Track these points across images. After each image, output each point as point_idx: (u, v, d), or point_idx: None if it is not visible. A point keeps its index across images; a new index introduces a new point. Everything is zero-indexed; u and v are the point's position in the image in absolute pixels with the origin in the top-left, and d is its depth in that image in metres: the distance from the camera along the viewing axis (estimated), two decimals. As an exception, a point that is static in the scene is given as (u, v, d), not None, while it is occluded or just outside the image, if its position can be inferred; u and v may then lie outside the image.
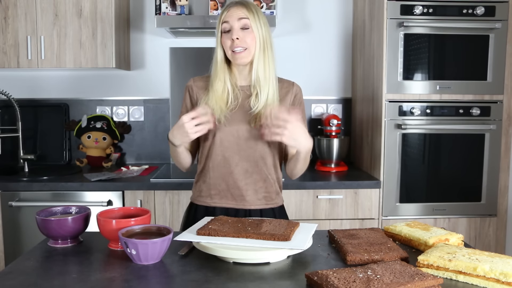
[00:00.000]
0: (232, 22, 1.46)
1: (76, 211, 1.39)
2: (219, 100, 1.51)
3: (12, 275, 1.10)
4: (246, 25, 1.47)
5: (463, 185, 2.37)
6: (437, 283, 0.98)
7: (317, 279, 1.00)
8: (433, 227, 1.33)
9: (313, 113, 2.89)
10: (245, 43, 1.47)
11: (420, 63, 2.30)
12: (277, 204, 1.61)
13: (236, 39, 1.46)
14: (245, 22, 1.46)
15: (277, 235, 1.20)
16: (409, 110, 2.32)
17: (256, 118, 1.50)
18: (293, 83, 1.61)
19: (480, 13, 2.28)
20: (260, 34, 1.48)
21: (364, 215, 2.33)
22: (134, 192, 2.27)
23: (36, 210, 1.99)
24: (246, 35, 1.47)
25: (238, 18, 1.46)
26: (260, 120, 1.49)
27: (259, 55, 1.49)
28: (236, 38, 1.45)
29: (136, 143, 2.88)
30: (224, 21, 1.48)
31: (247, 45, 1.47)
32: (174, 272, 1.12)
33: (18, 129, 2.57)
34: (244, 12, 1.47)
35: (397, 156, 2.34)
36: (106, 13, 2.47)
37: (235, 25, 1.46)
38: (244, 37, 1.46)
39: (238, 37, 1.46)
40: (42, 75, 2.84)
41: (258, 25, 1.48)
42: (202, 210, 1.58)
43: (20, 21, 2.46)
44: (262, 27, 1.49)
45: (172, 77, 2.80)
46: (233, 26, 1.46)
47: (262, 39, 1.49)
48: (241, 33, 1.47)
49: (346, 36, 2.88)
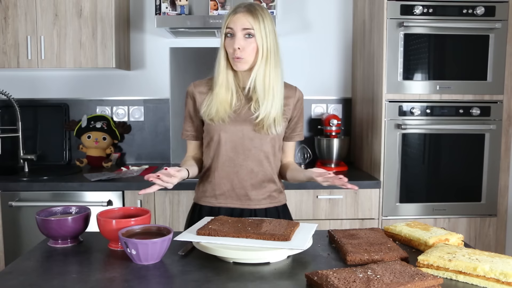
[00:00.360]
0: (235, 30, 1.44)
1: (76, 211, 1.39)
2: (223, 101, 1.51)
3: (12, 275, 1.10)
4: (249, 33, 1.44)
5: (463, 185, 2.37)
6: (437, 283, 0.98)
7: (317, 279, 1.00)
8: (433, 227, 1.33)
9: (313, 113, 2.89)
10: (245, 53, 1.45)
11: (420, 63, 2.30)
12: (280, 203, 1.62)
13: (238, 49, 1.44)
14: (248, 32, 1.44)
15: (277, 235, 1.20)
16: (409, 110, 2.32)
17: (259, 125, 1.50)
18: (296, 88, 1.61)
19: (480, 13, 2.28)
20: (264, 43, 1.45)
21: (364, 215, 2.33)
22: (134, 192, 2.27)
23: (36, 210, 1.99)
24: (248, 44, 1.45)
25: (242, 28, 1.44)
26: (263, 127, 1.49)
27: (260, 64, 1.47)
28: (238, 48, 1.44)
29: (136, 143, 2.88)
30: (228, 26, 1.46)
31: (247, 54, 1.45)
32: (174, 272, 1.12)
33: (18, 129, 2.57)
34: (249, 21, 1.44)
35: (397, 156, 2.34)
36: (106, 13, 2.47)
37: (238, 34, 1.44)
38: (245, 47, 1.44)
39: (239, 47, 1.44)
40: (42, 75, 2.84)
41: (263, 35, 1.45)
42: (207, 211, 1.59)
43: (20, 21, 2.46)
44: (268, 36, 1.46)
45: (172, 77, 2.80)
46: (236, 33, 1.44)
47: (266, 48, 1.46)
48: (243, 42, 1.44)
49: (346, 36, 2.88)
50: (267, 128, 1.50)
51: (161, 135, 2.88)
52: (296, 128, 1.63)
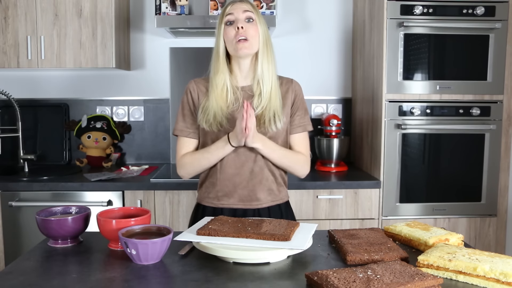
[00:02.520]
0: (237, 14, 1.49)
1: (76, 211, 1.39)
2: (218, 98, 1.51)
3: (12, 275, 1.10)
4: (250, 17, 1.50)
5: (463, 185, 2.37)
6: (437, 283, 0.98)
7: (317, 279, 1.00)
8: (433, 227, 1.33)
9: (313, 113, 2.89)
10: (249, 33, 1.49)
11: (420, 63, 2.30)
12: (282, 200, 1.63)
13: (241, 28, 1.47)
14: (249, 15, 1.50)
15: (277, 235, 1.20)
16: (409, 110, 2.32)
17: (260, 121, 1.51)
18: (292, 80, 1.63)
19: (480, 13, 2.28)
20: (263, 30, 1.52)
21: (364, 215, 2.33)
22: (134, 192, 2.27)
23: (36, 210, 1.99)
24: (250, 26, 1.49)
25: (243, 11, 1.49)
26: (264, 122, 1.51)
27: (263, 50, 1.52)
28: (241, 27, 1.47)
29: (136, 143, 2.88)
30: (228, 13, 1.50)
31: (251, 36, 1.49)
32: (174, 272, 1.12)
33: (18, 129, 2.56)
34: (248, 7, 1.51)
35: (397, 156, 2.34)
36: (106, 13, 2.47)
37: (240, 17, 1.49)
38: (248, 28, 1.49)
39: (243, 26, 1.48)
40: (42, 75, 2.84)
41: (261, 21, 1.53)
42: (210, 211, 1.59)
43: (20, 21, 2.46)
44: (264, 24, 1.54)
45: (172, 77, 2.80)
46: (238, 17, 1.49)
47: (264, 35, 1.53)
48: (245, 24, 1.49)
49: (346, 36, 2.88)
50: (268, 123, 1.50)
51: (161, 135, 2.88)
52: (301, 118, 1.62)
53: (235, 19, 1.49)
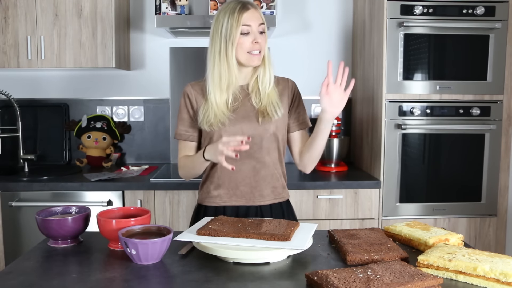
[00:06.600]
0: (254, 26, 1.49)
1: (76, 211, 1.39)
2: (220, 105, 1.52)
3: (12, 275, 1.10)
4: (263, 30, 1.52)
5: (463, 185, 2.37)
6: (437, 283, 0.98)
7: (317, 279, 1.00)
8: (433, 227, 1.33)
9: (313, 113, 2.89)
10: (262, 46, 1.51)
11: (420, 63, 2.30)
12: (284, 198, 1.64)
13: (257, 43, 1.49)
14: (263, 28, 1.51)
15: (277, 235, 1.20)
16: (409, 110, 2.32)
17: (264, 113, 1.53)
18: (287, 79, 1.65)
19: (480, 13, 2.28)
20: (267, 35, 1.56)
21: (364, 215, 2.33)
22: (134, 192, 2.27)
23: (36, 210, 1.99)
24: (263, 38, 1.51)
25: (259, 24, 1.50)
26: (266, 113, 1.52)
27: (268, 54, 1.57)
28: (257, 42, 1.49)
29: (136, 143, 2.88)
30: (245, 24, 1.48)
31: (263, 48, 1.52)
32: (174, 272, 1.12)
33: (18, 129, 2.56)
34: (261, 16, 1.52)
35: (397, 156, 2.34)
36: (106, 13, 2.47)
37: (257, 29, 1.49)
38: (262, 41, 1.51)
39: (258, 41, 1.49)
40: (42, 75, 2.84)
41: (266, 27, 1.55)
42: (212, 211, 1.59)
43: (20, 21, 2.46)
44: None
45: (172, 77, 2.80)
46: (254, 30, 1.49)
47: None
48: (260, 37, 1.50)
49: (346, 36, 2.88)
50: (271, 111, 1.52)
51: (161, 135, 2.88)
52: (299, 115, 1.63)
53: (251, 31, 1.49)
